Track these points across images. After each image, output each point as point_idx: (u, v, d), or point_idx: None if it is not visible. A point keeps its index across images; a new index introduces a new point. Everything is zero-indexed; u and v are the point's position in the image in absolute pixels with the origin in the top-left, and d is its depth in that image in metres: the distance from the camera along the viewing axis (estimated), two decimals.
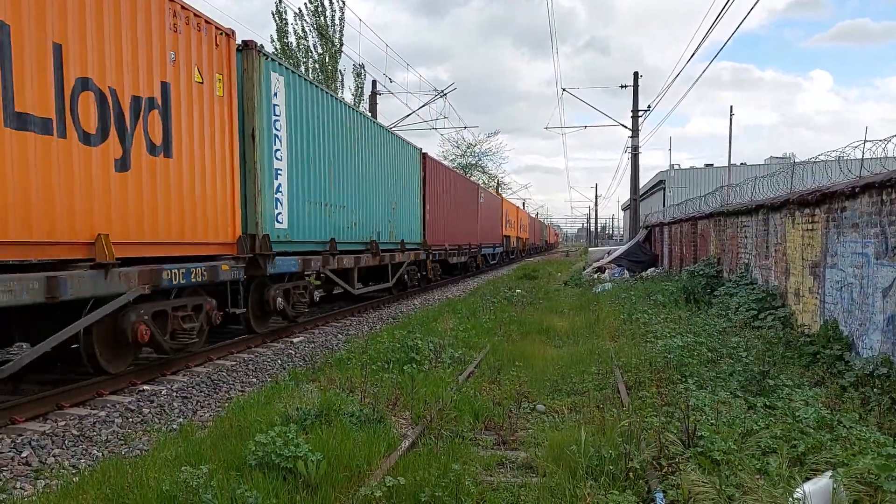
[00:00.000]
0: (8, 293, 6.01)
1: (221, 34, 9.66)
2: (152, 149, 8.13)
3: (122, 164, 7.62)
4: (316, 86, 13.02)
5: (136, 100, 7.81)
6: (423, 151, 21.89)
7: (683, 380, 7.91)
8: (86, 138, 7.06)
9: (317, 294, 13.73)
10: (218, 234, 9.56)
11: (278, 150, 11.22)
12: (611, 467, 5.14)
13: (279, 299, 11.84)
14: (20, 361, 6.45)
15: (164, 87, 8.36)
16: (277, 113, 11.16)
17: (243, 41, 10.40)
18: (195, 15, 9.02)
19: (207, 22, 9.31)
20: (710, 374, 8.10)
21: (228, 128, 9.80)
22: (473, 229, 31.48)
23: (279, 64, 11.40)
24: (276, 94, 11.09)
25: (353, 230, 15.14)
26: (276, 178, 11.17)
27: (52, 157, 6.61)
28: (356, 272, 15.53)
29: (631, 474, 5.06)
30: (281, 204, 11.38)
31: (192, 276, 8.79)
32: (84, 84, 7.03)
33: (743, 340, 9.61)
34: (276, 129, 11.10)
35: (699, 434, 5.58)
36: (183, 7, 8.72)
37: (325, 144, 13.34)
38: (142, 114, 7.93)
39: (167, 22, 8.39)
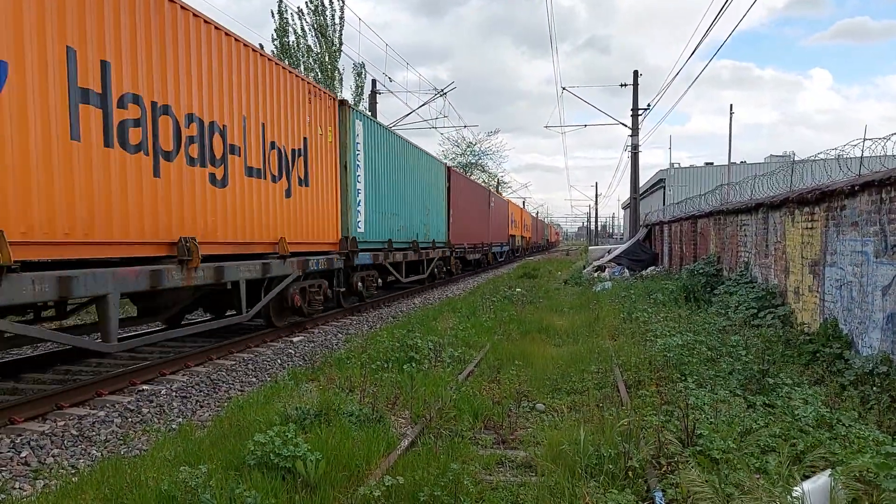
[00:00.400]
0: (248, 272, 10.25)
1: (331, 98, 13.91)
2: (300, 182, 12.25)
3: (288, 193, 11.78)
4: (380, 125, 17.43)
5: (293, 151, 12.01)
6: (448, 165, 26.62)
7: (683, 378, 7.91)
8: (273, 179, 11.19)
9: (379, 280, 18.37)
10: (330, 236, 13.81)
11: (359, 175, 15.51)
12: (610, 466, 5.14)
13: (359, 283, 16.08)
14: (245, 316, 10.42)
15: (305, 140, 12.53)
16: (358, 149, 15.43)
17: (340, 100, 14.41)
18: (318, 87, 13.09)
19: (324, 91, 13.46)
20: (710, 373, 8.09)
21: (335, 163, 14.04)
22: (486, 230, 35.26)
23: (360, 113, 15.68)
24: (357, 135, 15.31)
25: (402, 232, 19.27)
26: (358, 196, 15.40)
27: (259, 193, 10.70)
28: (404, 265, 19.72)
29: (630, 473, 5.06)
30: (360, 214, 15.60)
31: (320, 264, 13.04)
32: (272, 145, 11.17)
33: (742, 339, 9.60)
34: (357, 161, 15.37)
35: (698, 433, 5.58)
36: (314, 85, 12.92)
37: (385, 168, 17.66)
38: (295, 160, 12.07)
39: (306, 96, 12.56)
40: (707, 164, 56.76)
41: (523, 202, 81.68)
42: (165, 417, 7.19)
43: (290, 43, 32.27)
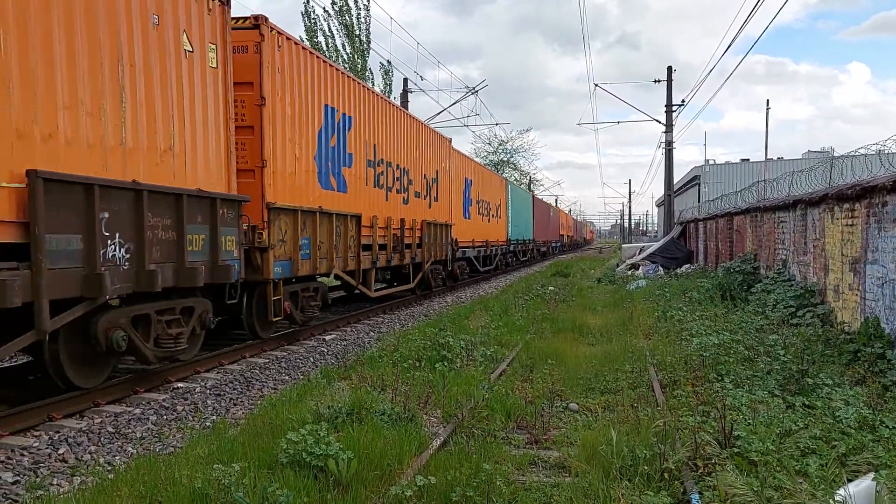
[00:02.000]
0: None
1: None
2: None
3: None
4: (514, 184, 36.72)
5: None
6: (535, 193, 49.41)
7: (720, 378, 7.77)
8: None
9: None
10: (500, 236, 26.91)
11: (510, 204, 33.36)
12: (645, 468, 5.05)
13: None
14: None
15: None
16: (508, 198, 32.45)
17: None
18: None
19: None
20: (747, 373, 7.94)
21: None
22: (547, 229, 51.51)
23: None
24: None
25: (515, 231, 34.83)
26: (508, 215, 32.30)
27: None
28: (518, 255, 37.45)
29: (666, 475, 4.97)
30: (509, 225, 31.50)
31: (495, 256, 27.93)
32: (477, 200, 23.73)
33: (781, 338, 9.40)
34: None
35: (736, 434, 5.46)
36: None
37: (514, 199, 33.60)
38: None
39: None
40: (743, 160, 55.87)
41: (556, 200, 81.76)
42: (199, 415, 7.25)
43: (319, 43, 32.46)
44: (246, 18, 10.29)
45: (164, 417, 7.06)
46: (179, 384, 8.40)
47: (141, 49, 7.33)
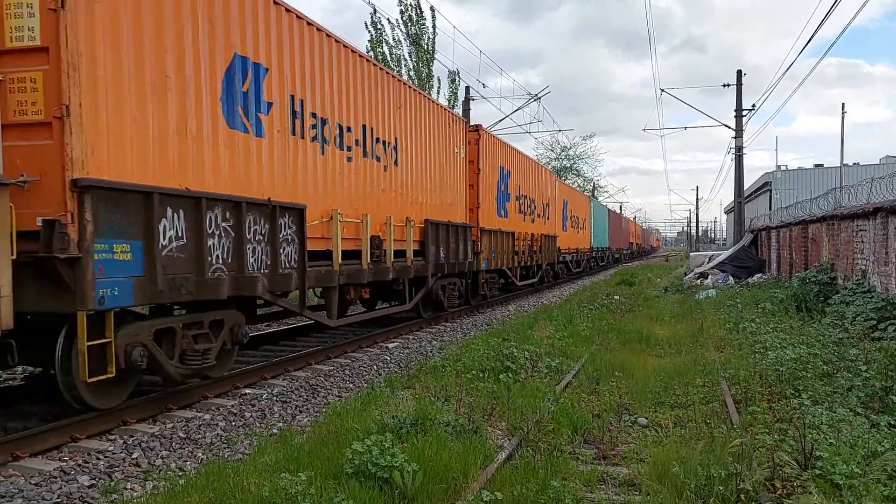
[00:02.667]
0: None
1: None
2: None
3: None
4: (603, 206, 47.94)
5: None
6: (610, 208, 56.04)
7: (797, 394, 7.45)
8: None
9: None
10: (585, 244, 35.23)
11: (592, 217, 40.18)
12: (720, 488, 4.85)
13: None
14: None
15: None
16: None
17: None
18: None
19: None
20: (826, 389, 7.60)
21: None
22: (619, 238, 57.59)
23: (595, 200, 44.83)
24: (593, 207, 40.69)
25: (596, 239, 40.26)
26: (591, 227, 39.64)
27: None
28: (598, 260, 43.96)
29: (742, 496, 4.77)
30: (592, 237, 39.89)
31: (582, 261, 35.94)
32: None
33: (862, 353, 8.97)
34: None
35: (817, 454, 5.21)
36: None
37: (594, 213, 40.56)
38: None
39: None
40: (816, 165, 54.05)
41: (620, 207, 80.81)
42: (266, 422, 7.33)
43: (383, 53, 32.77)
44: (474, 127, 18.18)
45: (233, 423, 7.16)
46: (247, 390, 8.52)
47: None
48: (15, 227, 5.45)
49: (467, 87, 32.90)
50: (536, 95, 34.52)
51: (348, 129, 10.82)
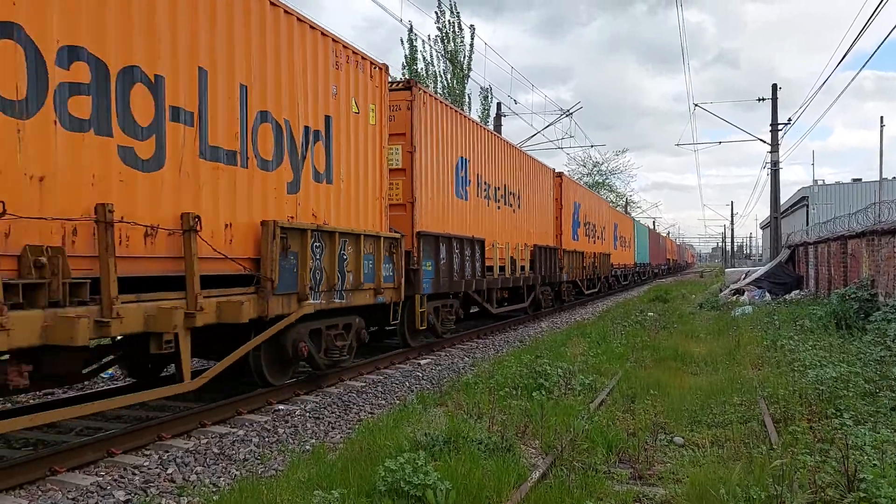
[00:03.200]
0: None
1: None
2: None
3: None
4: (641, 224, 54.51)
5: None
6: (649, 227, 62.66)
7: (838, 414, 7.27)
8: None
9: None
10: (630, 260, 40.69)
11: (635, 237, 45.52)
12: None
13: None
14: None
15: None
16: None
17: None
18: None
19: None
20: (869, 409, 7.41)
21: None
22: (658, 254, 62.72)
23: (638, 221, 50.29)
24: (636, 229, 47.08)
25: (639, 256, 45.98)
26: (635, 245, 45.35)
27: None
28: (640, 274, 48.88)
29: None
30: (636, 253, 45.02)
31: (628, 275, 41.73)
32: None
33: None
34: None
35: (860, 476, 5.06)
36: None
37: (637, 232, 46.36)
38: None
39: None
40: (855, 180, 53.14)
41: (653, 222, 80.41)
42: (299, 438, 7.35)
43: (418, 69, 33.04)
44: (559, 174, 23.04)
45: (266, 440, 7.19)
46: (280, 406, 8.56)
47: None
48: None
49: (499, 104, 33.00)
50: (568, 111, 34.50)
51: (496, 188, 16.91)
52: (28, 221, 5.22)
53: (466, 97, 34.71)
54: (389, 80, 11.23)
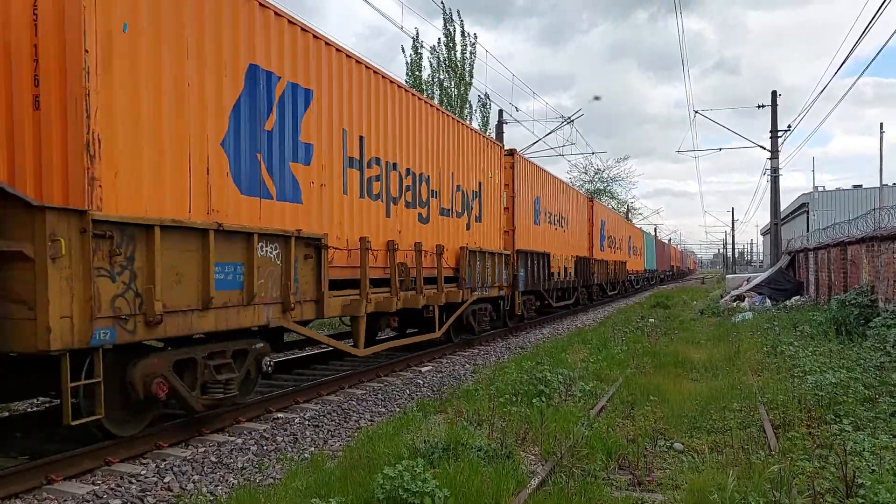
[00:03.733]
0: None
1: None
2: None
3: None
4: (653, 236, 64.91)
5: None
6: (655, 236, 69.20)
7: (837, 420, 7.26)
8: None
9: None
10: (640, 267, 45.89)
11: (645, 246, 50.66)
12: None
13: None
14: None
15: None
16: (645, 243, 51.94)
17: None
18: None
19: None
20: (868, 415, 7.40)
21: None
22: (663, 261, 67.20)
23: (648, 233, 54.97)
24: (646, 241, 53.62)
25: (647, 263, 51.05)
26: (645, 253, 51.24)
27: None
28: (650, 279, 55.06)
29: None
30: (645, 261, 49.35)
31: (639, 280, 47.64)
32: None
33: None
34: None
35: (859, 482, 5.06)
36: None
37: (646, 241, 51.26)
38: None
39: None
40: (855, 186, 53.15)
41: (654, 229, 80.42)
42: (298, 446, 7.33)
43: (420, 77, 33.08)
44: (590, 197, 30.89)
45: (265, 448, 7.18)
46: (279, 414, 8.54)
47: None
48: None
49: (500, 112, 33.03)
50: (569, 118, 34.54)
51: (553, 214, 22.49)
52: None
53: (469, 105, 34.74)
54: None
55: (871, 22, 15.48)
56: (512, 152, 18.60)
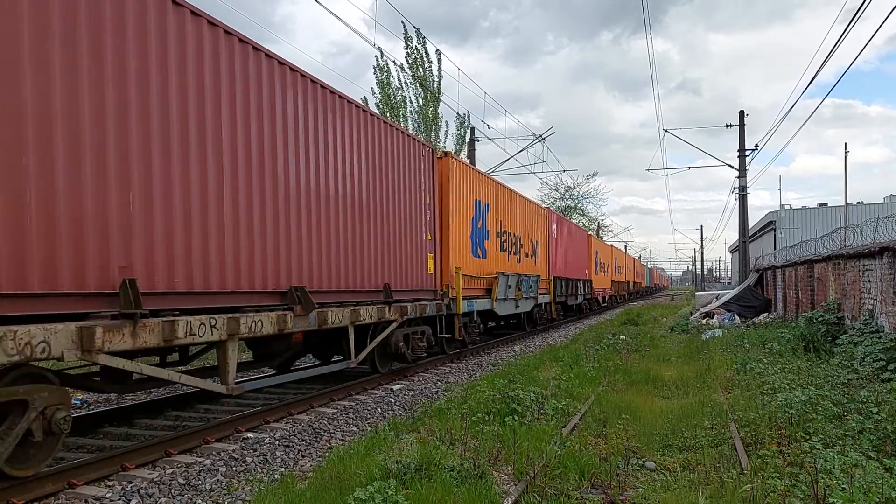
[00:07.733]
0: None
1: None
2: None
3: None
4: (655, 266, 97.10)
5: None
6: (651, 265, 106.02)
7: (807, 437, 7.32)
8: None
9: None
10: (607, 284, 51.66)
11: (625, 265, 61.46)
12: None
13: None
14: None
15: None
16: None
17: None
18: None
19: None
20: (837, 432, 7.47)
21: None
22: (642, 277, 79.11)
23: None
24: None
25: (627, 279, 59.85)
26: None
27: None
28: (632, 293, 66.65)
29: None
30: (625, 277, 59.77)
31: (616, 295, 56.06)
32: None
33: (872, 394, 8.85)
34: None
35: (830, 500, 5.09)
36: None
37: (616, 258, 52.73)
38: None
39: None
40: (820, 205, 54.16)
41: (625, 246, 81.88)
42: (268, 467, 7.21)
43: (391, 96, 33.13)
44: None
45: (234, 469, 7.05)
46: (249, 434, 8.41)
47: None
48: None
49: (472, 129, 33.20)
50: (541, 136, 34.83)
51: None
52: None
53: (441, 121, 34.82)
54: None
55: (834, 47, 15.83)
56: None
